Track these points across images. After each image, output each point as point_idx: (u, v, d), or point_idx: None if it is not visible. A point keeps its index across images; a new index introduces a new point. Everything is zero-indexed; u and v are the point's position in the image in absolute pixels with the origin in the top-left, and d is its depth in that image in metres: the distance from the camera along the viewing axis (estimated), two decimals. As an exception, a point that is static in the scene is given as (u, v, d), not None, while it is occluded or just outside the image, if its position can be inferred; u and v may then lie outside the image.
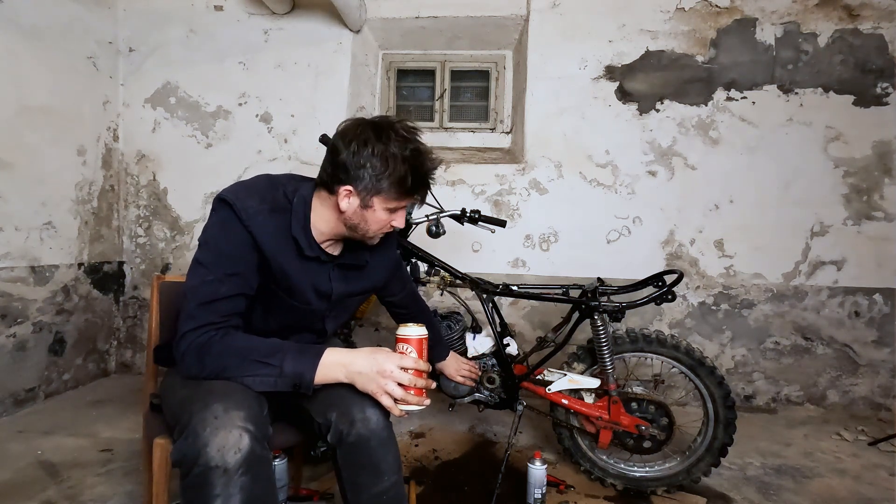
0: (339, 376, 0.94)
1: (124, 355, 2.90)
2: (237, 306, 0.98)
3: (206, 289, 0.95)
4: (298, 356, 0.93)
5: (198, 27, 2.85)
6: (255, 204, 0.98)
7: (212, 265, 0.96)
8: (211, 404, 0.83)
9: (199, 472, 0.78)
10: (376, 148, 0.96)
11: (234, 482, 0.78)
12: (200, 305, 0.94)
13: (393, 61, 3.07)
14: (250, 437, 0.81)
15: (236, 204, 0.96)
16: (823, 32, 2.57)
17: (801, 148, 2.58)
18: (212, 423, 0.80)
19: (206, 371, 0.92)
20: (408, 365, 0.94)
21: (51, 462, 1.77)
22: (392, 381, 0.92)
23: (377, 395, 0.93)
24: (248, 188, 1.01)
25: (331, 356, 0.94)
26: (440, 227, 1.78)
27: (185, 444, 0.80)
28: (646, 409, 1.65)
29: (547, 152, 2.72)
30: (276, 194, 1.03)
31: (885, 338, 2.55)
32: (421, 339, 0.97)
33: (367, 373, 0.93)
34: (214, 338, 0.93)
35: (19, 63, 2.23)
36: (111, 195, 2.83)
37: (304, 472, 1.70)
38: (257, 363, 0.91)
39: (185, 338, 0.93)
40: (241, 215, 0.96)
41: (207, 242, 0.98)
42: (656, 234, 2.67)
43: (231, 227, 0.97)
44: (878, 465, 1.97)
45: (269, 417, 0.94)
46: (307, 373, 0.92)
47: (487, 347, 1.76)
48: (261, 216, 0.98)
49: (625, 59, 2.67)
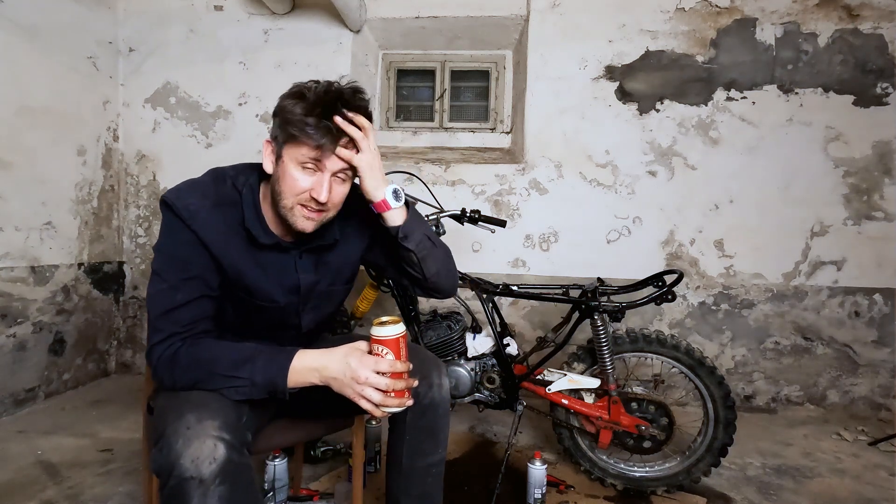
0: (314, 380, 0.88)
1: (124, 355, 2.90)
2: (200, 311, 0.94)
3: (163, 297, 0.91)
4: (268, 364, 0.88)
5: (198, 27, 2.85)
6: (197, 200, 0.93)
7: (165, 272, 0.92)
8: (184, 414, 0.81)
9: (174, 483, 0.76)
10: (289, 91, 0.94)
11: (211, 493, 0.76)
12: (161, 316, 0.90)
13: (393, 61, 3.07)
14: (226, 445, 0.79)
15: (176, 204, 0.92)
16: (823, 32, 2.57)
17: (801, 148, 2.58)
18: (184, 434, 0.78)
19: (179, 384, 0.89)
20: (383, 368, 0.87)
21: (51, 462, 1.77)
22: (369, 388, 0.86)
23: (355, 399, 0.87)
24: (191, 185, 0.97)
25: (302, 360, 0.88)
26: (440, 227, 1.78)
27: (160, 455, 0.78)
28: (646, 409, 1.65)
29: (547, 152, 2.72)
30: (221, 188, 0.98)
31: (885, 338, 2.55)
32: (397, 338, 0.89)
33: (340, 378, 0.87)
34: (181, 350, 0.89)
35: (19, 63, 2.23)
36: (111, 195, 2.83)
37: (304, 472, 1.70)
38: (226, 377, 0.87)
39: (154, 351, 0.90)
40: (181, 215, 0.91)
41: (160, 249, 0.94)
42: (656, 234, 2.67)
43: (175, 229, 0.93)
44: (878, 465, 1.97)
45: (249, 424, 0.91)
46: (279, 381, 0.87)
47: (487, 347, 1.76)
48: (203, 212, 0.93)
49: (625, 59, 2.67)
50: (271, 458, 1.48)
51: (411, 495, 1.10)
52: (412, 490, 1.10)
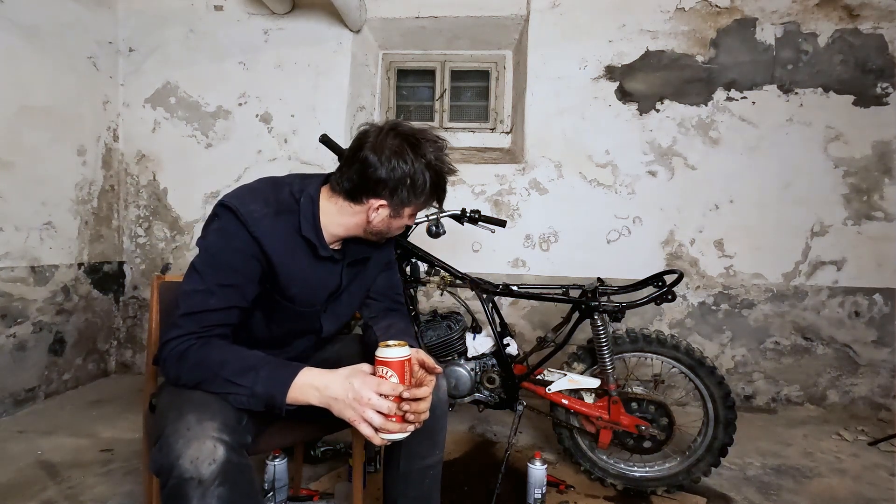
0: (313, 400, 0.87)
1: (124, 355, 2.90)
2: (227, 318, 0.95)
3: (196, 298, 0.92)
4: (271, 376, 0.87)
5: (198, 27, 2.85)
6: (260, 207, 0.95)
7: (206, 273, 0.93)
8: (185, 415, 0.82)
9: (174, 483, 0.76)
10: (416, 164, 0.97)
11: (210, 493, 0.76)
12: (187, 315, 0.91)
13: (393, 61, 3.07)
14: (225, 447, 0.79)
15: (240, 209, 0.93)
16: (823, 32, 2.57)
17: (801, 148, 2.58)
18: (185, 435, 0.78)
19: (183, 380, 0.90)
20: (386, 391, 0.84)
21: (51, 462, 1.77)
22: (370, 409, 0.84)
23: (355, 422, 0.85)
24: (251, 191, 0.98)
25: (304, 377, 0.87)
26: (440, 227, 1.78)
27: (160, 455, 0.79)
28: (646, 409, 1.65)
29: (547, 152, 2.72)
30: (280, 195, 1.00)
31: (885, 338, 2.55)
32: (403, 361, 0.86)
33: (342, 399, 0.85)
34: (193, 347, 0.90)
35: (19, 63, 2.23)
36: (111, 195, 2.83)
37: (304, 472, 1.70)
38: (229, 382, 0.87)
39: (167, 345, 0.91)
40: (246, 220, 0.92)
41: (207, 249, 0.94)
42: (656, 234, 2.67)
43: (234, 235, 0.93)
44: (878, 465, 1.97)
45: (249, 426, 0.92)
46: (278, 395, 0.86)
47: (487, 347, 1.76)
48: (267, 220, 0.95)
49: (625, 59, 2.67)
50: (271, 458, 1.48)
51: (409, 497, 1.11)
52: (410, 492, 1.10)
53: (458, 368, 1.72)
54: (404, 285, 1.79)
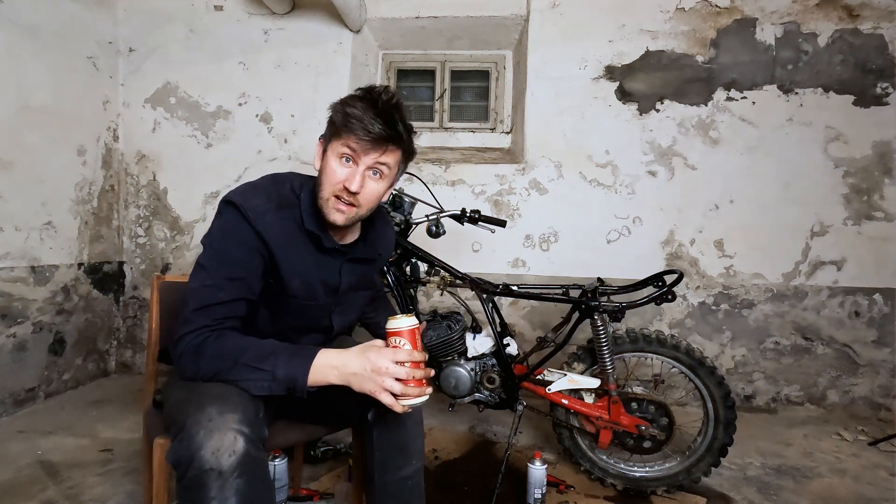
0: (333, 379, 0.90)
1: (124, 355, 2.90)
2: (236, 310, 0.96)
3: (206, 293, 0.93)
4: (290, 359, 0.90)
5: (198, 27, 2.85)
6: (262, 202, 0.97)
7: (213, 269, 0.94)
8: (206, 407, 0.83)
9: (193, 474, 0.77)
10: (343, 97, 0.98)
11: (229, 484, 0.77)
12: (198, 310, 0.92)
13: (393, 61, 3.07)
14: (245, 439, 0.80)
15: (243, 205, 0.95)
16: (823, 32, 2.57)
17: (801, 148, 2.58)
18: (206, 426, 0.79)
19: (202, 373, 0.91)
20: (402, 358, 0.88)
21: (51, 462, 1.77)
22: (389, 378, 0.87)
23: (376, 393, 0.88)
24: (253, 188, 1.00)
25: (323, 358, 0.90)
26: (440, 227, 1.78)
27: (179, 446, 0.80)
28: (646, 409, 1.65)
29: (547, 152, 2.72)
30: (281, 190, 1.02)
31: (885, 338, 2.55)
32: (412, 329, 0.91)
33: (361, 373, 0.88)
34: (209, 339, 0.91)
35: (19, 63, 2.23)
36: (111, 195, 2.83)
37: (304, 472, 1.70)
38: (250, 368, 0.89)
39: (182, 340, 0.92)
40: (248, 216, 0.94)
41: (212, 245, 0.96)
42: (656, 234, 2.67)
43: (237, 230, 0.95)
44: (878, 465, 1.97)
45: (265, 420, 0.93)
46: (299, 377, 0.89)
47: (487, 347, 1.76)
48: (269, 214, 0.97)
49: (625, 59, 2.67)
50: (271, 458, 1.48)
51: None
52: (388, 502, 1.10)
53: (459, 368, 1.72)
54: (404, 285, 1.80)
